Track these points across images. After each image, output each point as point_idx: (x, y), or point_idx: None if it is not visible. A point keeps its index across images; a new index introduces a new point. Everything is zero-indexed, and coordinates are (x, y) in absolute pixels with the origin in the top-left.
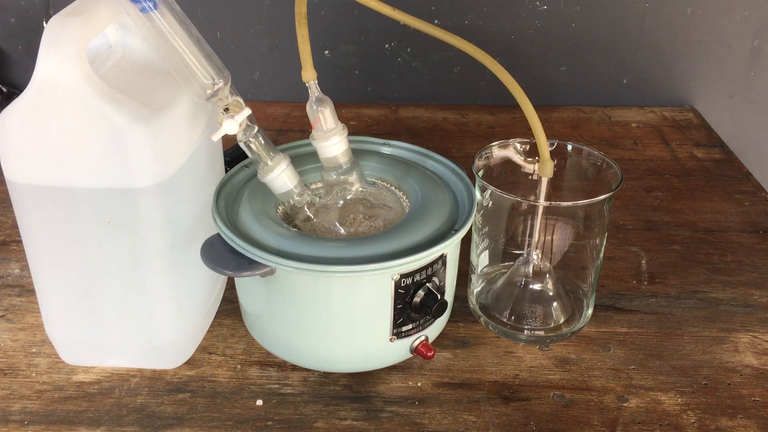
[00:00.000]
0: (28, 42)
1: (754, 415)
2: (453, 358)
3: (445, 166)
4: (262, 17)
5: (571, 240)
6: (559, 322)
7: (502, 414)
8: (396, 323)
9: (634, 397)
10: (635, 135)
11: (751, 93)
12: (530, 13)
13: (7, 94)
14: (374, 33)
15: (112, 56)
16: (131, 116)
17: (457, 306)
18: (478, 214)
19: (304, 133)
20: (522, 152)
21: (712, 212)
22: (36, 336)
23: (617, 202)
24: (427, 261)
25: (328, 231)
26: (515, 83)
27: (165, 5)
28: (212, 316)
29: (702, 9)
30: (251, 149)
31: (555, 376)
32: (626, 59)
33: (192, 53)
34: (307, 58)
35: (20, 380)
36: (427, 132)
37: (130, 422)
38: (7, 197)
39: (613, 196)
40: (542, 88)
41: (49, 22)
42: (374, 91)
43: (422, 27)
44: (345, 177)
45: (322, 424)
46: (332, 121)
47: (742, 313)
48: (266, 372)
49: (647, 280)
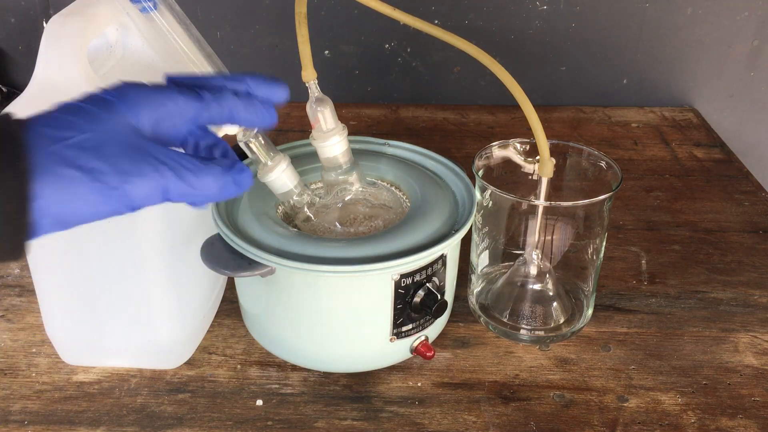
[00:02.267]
0: (28, 42)
1: (754, 415)
2: (453, 358)
3: (445, 166)
4: (262, 17)
5: (571, 240)
6: (559, 322)
7: (502, 414)
8: (396, 323)
9: (634, 397)
10: (635, 135)
11: (751, 93)
12: (530, 13)
13: (7, 94)
14: (374, 33)
15: (112, 56)
16: None
17: (457, 306)
18: (478, 214)
19: (304, 133)
20: (522, 152)
21: (712, 212)
22: (36, 336)
23: (617, 202)
24: (427, 261)
25: (328, 231)
26: (515, 83)
27: (165, 5)
28: (212, 316)
29: (702, 9)
30: (251, 149)
31: (555, 376)
32: (626, 59)
33: (192, 53)
34: (307, 58)
35: (20, 380)
36: (427, 132)
37: (130, 422)
38: None
39: (613, 196)
40: (542, 88)
41: (49, 22)
42: (374, 91)
43: (422, 27)
44: (345, 177)
45: (322, 424)
46: (332, 121)
47: (742, 313)
48: (266, 372)
49: (647, 280)
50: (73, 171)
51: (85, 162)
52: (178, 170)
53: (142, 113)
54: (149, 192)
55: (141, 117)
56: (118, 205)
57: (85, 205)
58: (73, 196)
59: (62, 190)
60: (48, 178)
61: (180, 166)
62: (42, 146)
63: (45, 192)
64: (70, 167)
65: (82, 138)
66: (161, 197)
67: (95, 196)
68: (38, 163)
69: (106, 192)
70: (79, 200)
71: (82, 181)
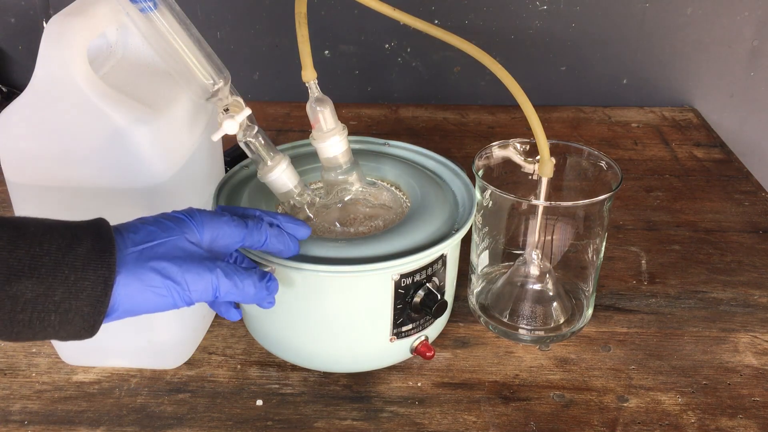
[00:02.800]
0: (28, 42)
1: (754, 415)
2: (453, 358)
3: (445, 166)
4: (262, 17)
5: (571, 240)
6: (559, 322)
7: (502, 414)
8: (396, 323)
9: (634, 397)
10: (635, 135)
11: (751, 93)
12: (530, 13)
13: (7, 94)
14: (374, 33)
15: (112, 56)
16: (131, 116)
17: (457, 306)
18: (478, 214)
19: (304, 133)
20: (522, 152)
21: (712, 212)
22: None
23: (617, 202)
24: (427, 261)
25: (328, 231)
26: (515, 83)
27: (165, 5)
28: (212, 316)
29: (702, 9)
30: (251, 149)
31: (555, 376)
32: (626, 59)
33: (192, 53)
34: (307, 58)
35: (20, 380)
36: (427, 132)
37: (130, 422)
38: (7, 197)
39: (613, 196)
40: (542, 88)
41: (49, 22)
42: (374, 91)
43: (422, 27)
44: (345, 177)
45: (322, 424)
46: (332, 121)
47: (742, 313)
48: (266, 372)
49: (647, 280)
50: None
51: (157, 262)
52: (228, 273)
53: (205, 232)
54: (204, 289)
55: (203, 234)
56: (178, 299)
57: (153, 297)
58: (145, 287)
59: (138, 281)
60: (128, 270)
61: (230, 271)
62: (126, 246)
63: (124, 280)
64: (147, 265)
65: (158, 243)
66: (213, 294)
67: (162, 289)
68: (122, 259)
69: (172, 287)
70: (149, 292)
71: (155, 276)
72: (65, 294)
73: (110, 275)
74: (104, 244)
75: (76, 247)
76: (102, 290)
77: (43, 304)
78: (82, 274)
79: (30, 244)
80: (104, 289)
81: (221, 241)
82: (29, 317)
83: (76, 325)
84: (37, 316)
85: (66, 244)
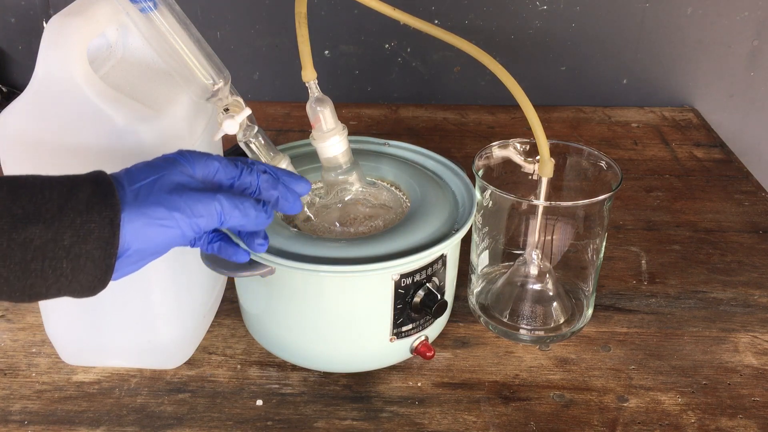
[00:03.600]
0: (28, 42)
1: (754, 415)
2: (453, 358)
3: (445, 166)
4: (262, 17)
5: (571, 240)
6: (559, 322)
7: (502, 414)
8: (396, 323)
9: (634, 397)
10: (635, 135)
11: (751, 93)
12: (530, 13)
13: (7, 94)
14: (374, 33)
15: (112, 56)
16: (131, 116)
17: (457, 306)
18: (478, 214)
19: (304, 133)
20: (522, 152)
21: (712, 212)
22: (36, 336)
23: (617, 202)
24: (427, 261)
25: (328, 231)
26: (515, 83)
27: (165, 5)
28: (212, 316)
29: (702, 9)
30: (251, 149)
31: (555, 376)
32: (626, 59)
33: (192, 53)
34: (307, 58)
35: (20, 380)
36: (427, 132)
37: (130, 422)
38: None
39: (613, 196)
40: (542, 88)
41: (49, 22)
42: (374, 91)
43: (422, 27)
44: (345, 177)
45: (322, 424)
46: (332, 121)
47: (742, 313)
48: (266, 372)
49: (647, 280)
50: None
51: (159, 195)
52: (229, 198)
53: (197, 168)
54: (209, 213)
55: (196, 171)
56: (186, 228)
57: (161, 230)
58: (151, 221)
59: (143, 217)
60: (132, 208)
61: (230, 196)
62: (125, 186)
63: (129, 217)
64: (150, 199)
65: (156, 179)
66: (218, 219)
67: (169, 220)
68: (124, 198)
69: (178, 216)
70: (156, 225)
71: (159, 209)
72: (74, 238)
73: (115, 216)
74: (104, 187)
75: (78, 193)
76: (110, 231)
77: (53, 250)
78: (88, 216)
79: (31, 193)
80: (111, 229)
81: (214, 180)
82: (41, 266)
83: (88, 272)
84: (49, 264)
85: (67, 191)
